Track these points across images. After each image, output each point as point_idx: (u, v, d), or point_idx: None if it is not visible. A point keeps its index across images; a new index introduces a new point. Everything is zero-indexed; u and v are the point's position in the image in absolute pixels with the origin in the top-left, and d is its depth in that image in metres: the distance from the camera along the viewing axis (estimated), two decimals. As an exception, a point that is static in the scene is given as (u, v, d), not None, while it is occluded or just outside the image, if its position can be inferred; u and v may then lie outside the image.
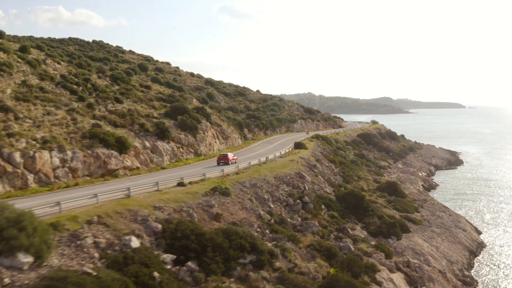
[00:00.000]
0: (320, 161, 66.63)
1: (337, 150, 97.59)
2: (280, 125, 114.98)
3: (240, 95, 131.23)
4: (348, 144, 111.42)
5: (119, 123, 56.92)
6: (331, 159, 75.91)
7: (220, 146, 73.98)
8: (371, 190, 63.10)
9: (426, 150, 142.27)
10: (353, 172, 74.66)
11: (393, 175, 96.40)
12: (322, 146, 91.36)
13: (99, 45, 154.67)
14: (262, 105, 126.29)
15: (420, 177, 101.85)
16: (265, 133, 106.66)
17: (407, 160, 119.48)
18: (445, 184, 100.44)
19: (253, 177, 44.80)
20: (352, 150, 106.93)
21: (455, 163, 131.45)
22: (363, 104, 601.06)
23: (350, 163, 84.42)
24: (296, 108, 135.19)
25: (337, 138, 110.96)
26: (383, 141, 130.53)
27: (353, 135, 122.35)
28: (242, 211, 37.61)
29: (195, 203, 35.29)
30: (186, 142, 61.40)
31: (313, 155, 68.86)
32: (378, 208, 51.37)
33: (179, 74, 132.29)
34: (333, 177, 62.03)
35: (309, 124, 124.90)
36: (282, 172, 49.06)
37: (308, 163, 59.59)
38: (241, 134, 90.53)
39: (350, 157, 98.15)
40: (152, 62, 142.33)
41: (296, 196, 44.92)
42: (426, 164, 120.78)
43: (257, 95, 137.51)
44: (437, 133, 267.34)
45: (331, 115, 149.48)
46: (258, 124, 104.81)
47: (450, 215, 63.92)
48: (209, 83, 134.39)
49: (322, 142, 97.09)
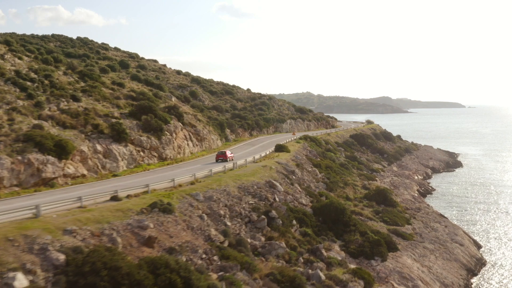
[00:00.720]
0: (301, 166, 59.42)
1: (326, 152, 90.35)
2: (268, 125, 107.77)
3: (228, 93, 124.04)
4: (340, 145, 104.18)
5: (69, 124, 49.75)
6: (316, 163, 68.72)
7: (194, 149, 66.79)
8: (357, 199, 55.83)
9: (423, 151, 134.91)
10: (340, 177, 67.45)
11: (387, 179, 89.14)
12: (309, 148, 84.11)
13: (82, 42, 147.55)
14: (250, 104, 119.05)
15: (415, 181, 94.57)
16: (251, 133, 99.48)
17: (403, 162, 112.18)
18: (442, 188, 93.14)
19: (211, 188, 37.60)
20: (343, 152, 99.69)
21: (453, 165, 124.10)
22: (361, 104, 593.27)
23: (338, 167, 77.21)
24: (287, 107, 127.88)
25: (328, 139, 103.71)
26: (378, 142, 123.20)
27: (345, 135, 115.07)
28: (186, 232, 30.39)
29: (123, 224, 28.10)
30: (149, 145, 54.20)
31: (294, 159, 61.65)
32: (362, 222, 44.09)
33: (163, 72, 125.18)
34: (315, 184, 54.81)
35: (300, 124, 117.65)
36: (249, 181, 41.84)
37: (285, 168, 52.35)
38: (221, 135, 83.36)
39: (340, 159, 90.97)
40: (136, 59, 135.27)
41: (262, 210, 37.69)
42: (422, 167, 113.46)
43: (245, 94, 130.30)
44: (435, 133, 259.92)
45: (324, 115, 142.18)
46: (243, 125, 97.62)
47: (446, 226, 56.63)
48: (196, 81, 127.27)
49: (310, 144, 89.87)
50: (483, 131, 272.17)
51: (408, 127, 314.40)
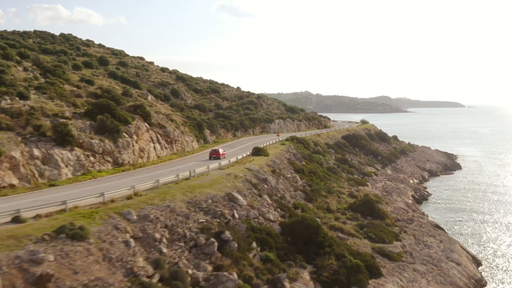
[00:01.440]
0: (279, 173, 52.42)
1: (314, 155, 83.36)
2: (254, 125, 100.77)
3: (214, 92, 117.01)
4: (330, 147, 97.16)
5: (5, 125, 42.83)
6: (298, 168, 61.73)
7: (162, 152, 59.82)
8: (340, 210, 48.77)
9: (420, 152, 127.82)
10: (324, 184, 60.47)
11: (379, 184, 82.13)
12: (294, 150, 77.15)
13: (64, 38, 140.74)
14: (236, 103, 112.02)
15: (410, 185, 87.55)
16: (234, 134, 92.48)
17: (398, 165, 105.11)
18: (438, 193, 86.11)
19: (151, 204, 30.68)
20: (334, 154, 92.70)
21: (451, 167, 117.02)
22: (360, 103, 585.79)
23: (325, 172, 70.21)
24: (276, 106, 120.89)
25: (318, 141, 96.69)
26: (372, 143, 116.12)
27: (337, 136, 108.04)
28: (100, 265, 23.44)
29: (9, 258, 21.16)
30: (101, 148, 47.20)
31: (270, 164, 54.68)
32: (340, 242, 37.06)
33: (146, 69, 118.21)
34: (291, 194, 47.81)
35: (289, 124, 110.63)
36: (203, 194, 34.87)
37: (256, 176, 45.37)
38: (199, 136, 76.41)
39: (330, 162, 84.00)
40: (120, 56, 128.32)
41: (213, 230, 30.75)
42: (419, 170, 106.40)
43: (233, 92, 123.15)
44: (434, 133, 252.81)
45: (317, 115, 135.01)
46: (226, 125, 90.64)
47: (441, 241, 49.58)
48: (181, 79, 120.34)
49: (297, 146, 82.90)
50: (483, 131, 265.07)
51: (406, 127, 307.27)
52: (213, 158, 56.79)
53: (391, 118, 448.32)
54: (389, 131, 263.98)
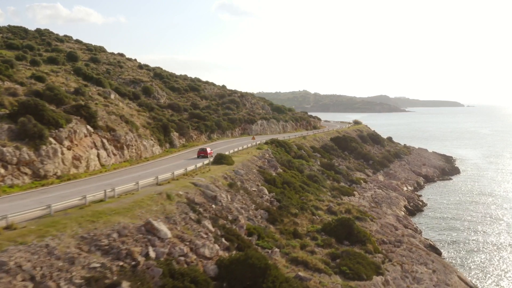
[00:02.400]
0: (239, 186, 43.28)
1: (296, 160, 74.38)
2: (233, 126, 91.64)
3: (193, 90, 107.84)
4: (316, 150, 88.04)
5: None
6: (269, 178, 52.59)
7: (109, 160, 50.75)
8: (310, 234, 39.56)
9: (416, 155, 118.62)
10: (299, 196, 51.34)
11: (368, 193, 73.06)
12: (271, 156, 68.10)
13: (39, 33, 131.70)
14: (216, 102, 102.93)
15: (404, 194, 78.43)
16: (209, 137, 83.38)
17: (391, 169, 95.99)
18: (434, 203, 77.01)
19: (21, 243, 21.65)
20: (319, 159, 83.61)
21: (449, 172, 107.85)
22: (358, 103, 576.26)
23: (304, 181, 61.16)
24: (261, 106, 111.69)
25: (302, 144, 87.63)
26: (364, 145, 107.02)
27: (325, 138, 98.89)
28: None
29: None
30: (15, 158, 38.13)
31: (230, 175, 45.56)
32: (298, 286, 27.94)
33: (120, 66, 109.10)
34: (249, 214, 38.64)
35: (273, 126, 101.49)
36: (110, 224, 25.77)
37: (203, 193, 36.25)
38: (163, 140, 67.32)
39: (313, 168, 74.96)
40: (94, 52, 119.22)
41: (107, 281, 21.70)
42: (414, 175, 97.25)
43: (214, 91, 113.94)
44: (432, 133, 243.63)
45: (306, 115, 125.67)
46: (200, 126, 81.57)
47: (434, 271, 40.41)
48: (158, 76, 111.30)
49: (276, 150, 73.87)
50: (482, 131, 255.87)
51: (404, 126, 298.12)
52: (201, 156, 57.31)
53: (389, 118, 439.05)
54: (386, 131, 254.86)
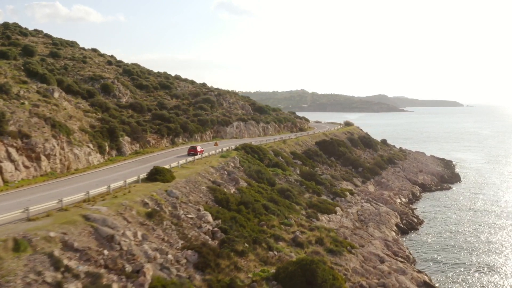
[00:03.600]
0: (164, 216, 31.65)
1: (270, 169, 62.99)
2: (204, 129, 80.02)
3: (164, 88, 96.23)
4: (297, 157, 76.49)
5: None
6: (221, 198, 41.04)
7: (17, 175, 39.24)
8: (254, 285, 28.07)
9: (412, 160, 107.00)
10: (258, 221, 39.88)
11: (354, 208, 61.62)
12: (236, 166, 56.66)
13: (5, 27, 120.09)
14: (188, 101, 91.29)
15: (396, 208, 66.89)
16: (173, 141, 71.82)
17: (383, 178, 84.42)
18: (432, 219, 65.47)
19: None
20: (300, 166, 72.13)
21: (449, 179, 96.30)
22: (356, 102, 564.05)
23: (272, 197, 49.64)
24: (241, 105, 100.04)
25: (281, 149, 76.08)
26: (353, 150, 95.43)
27: (309, 142, 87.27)
28: None
29: None
30: None
31: (157, 199, 33.94)
32: None
33: (83, 61, 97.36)
34: (167, 259, 27.01)
35: (252, 127, 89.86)
36: None
37: (96, 231, 24.71)
38: (107, 146, 55.78)
39: (291, 179, 63.61)
40: (59, 46, 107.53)
41: None
42: (409, 184, 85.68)
43: (189, 89, 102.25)
44: (430, 134, 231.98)
45: (292, 115, 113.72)
46: (161, 129, 70.07)
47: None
48: (127, 73, 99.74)
49: (246, 158, 62.41)
50: (483, 132, 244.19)
51: (401, 127, 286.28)
52: (191, 154, 57.95)
53: (386, 118, 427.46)
54: (382, 131, 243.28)
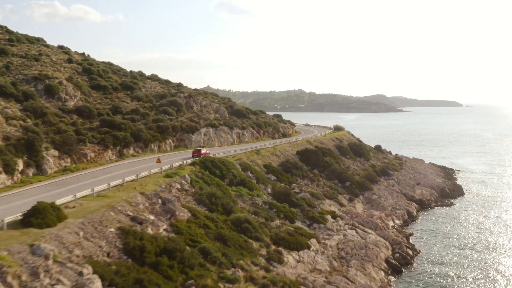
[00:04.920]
0: None
1: (232, 189, 50.82)
2: (164, 137, 67.61)
3: (126, 89, 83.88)
4: (272, 171, 64.11)
5: None
6: (132, 246, 28.76)
7: None
8: None
9: (409, 170, 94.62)
10: (184, 279, 27.78)
11: (334, 239, 49.40)
12: (185, 188, 44.39)
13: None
14: (151, 104, 78.91)
15: (388, 236, 54.50)
16: (120, 153, 59.47)
17: (374, 193, 72.09)
18: (430, 249, 53.02)
19: None
20: (274, 183, 59.83)
21: (450, 193, 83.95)
22: (354, 102, 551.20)
23: (220, 234, 37.36)
24: (215, 108, 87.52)
25: (252, 162, 63.73)
26: (341, 159, 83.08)
27: (289, 152, 74.90)
28: None
29: None
30: None
31: (3, 265, 21.66)
32: None
33: (35, 59, 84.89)
34: None
35: (223, 135, 77.49)
36: None
37: None
38: (19, 164, 43.42)
39: (258, 201, 51.46)
40: (17, 43, 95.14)
41: None
42: (404, 200, 73.36)
43: (155, 89, 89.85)
44: (429, 136, 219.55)
45: (274, 120, 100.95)
46: (105, 139, 57.78)
47: None
48: (87, 72, 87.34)
49: (202, 176, 50.15)
50: (484, 134, 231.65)
51: (399, 128, 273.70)
52: (195, 156, 59.08)
53: (384, 118, 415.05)
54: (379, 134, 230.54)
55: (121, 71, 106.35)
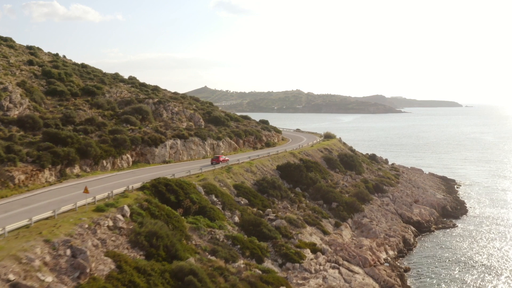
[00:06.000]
0: None
1: (185, 221, 41.25)
2: (118, 152, 57.78)
3: (87, 94, 74.22)
4: (243, 192, 54.31)
5: None
6: None
7: None
8: None
9: (405, 184, 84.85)
10: None
11: (311, 285, 39.54)
12: (118, 227, 34.80)
13: None
14: (113, 112, 69.24)
15: (379, 276, 44.82)
16: (63, 173, 49.75)
17: (365, 216, 62.35)
18: (430, 295, 43.49)
19: None
20: (244, 208, 50.13)
21: (452, 211, 74.25)
22: (352, 103, 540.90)
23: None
24: (188, 116, 77.62)
25: (221, 181, 53.99)
26: (329, 174, 73.38)
27: (268, 167, 65.11)
28: None
29: None
30: None
31: None
32: None
33: (-13, 59, 75.29)
34: None
35: (194, 147, 67.77)
36: None
37: None
38: None
39: (219, 234, 42.25)
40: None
41: None
42: (400, 224, 63.58)
43: (122, 94, 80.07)
44: (428, 140, 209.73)
45: (258, 127, 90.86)
46: (42, 157, 48.10)
47: None
48: (47, 75, 77.69)
49: (145, 207, 40.55)
50: (486, 138, 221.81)
51: (397, 131, 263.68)
52: (214, 163, 60.06)
53: (383, 120, 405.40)
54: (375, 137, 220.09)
55: (94, 73, 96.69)
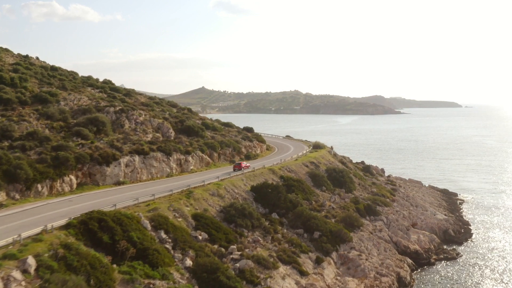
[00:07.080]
0: None
1: (116, 270, 31.62)
2: (59, 173, 48.14)
3: (40, 102, 64.65)
4: (204, 224, 44.59)
5: None
6: None
7: None
8: None
9: (403, 202, 75.13)
10: None
11: None
12: None
13: None
14: (64, 123, 59.63)
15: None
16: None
17: (354, 247, 52.62)
18: None
19: None
20: (200, 247, 40.52)
21: (455, 236, 64.74)
22: (350, 104, 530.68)
23: None
24: (156, 126, 67.95)
25: (177, 210, 44.38)
26: (314, 193, 63.78)
27: (240, 188, 55.35)
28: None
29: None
30: None
31: None
32: None
33: None
34: None
35: (156, 163, 58.06)
36: None
37: None
38: None
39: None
40: None
41: None
42: (394, 255, 53.92)
43: (80, 102, 70.28)
44: (427, 144, 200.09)
45: (239, 137, 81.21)
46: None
47: None
48: (2, 83, 68.05)
49: (61, 255, 30.88)
50: (488, 142, 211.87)
51: (395, 134, 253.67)
52: (236, 170, 60.16)
53: (381, 121, 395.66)
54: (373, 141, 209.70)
55: (60, 77, 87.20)
